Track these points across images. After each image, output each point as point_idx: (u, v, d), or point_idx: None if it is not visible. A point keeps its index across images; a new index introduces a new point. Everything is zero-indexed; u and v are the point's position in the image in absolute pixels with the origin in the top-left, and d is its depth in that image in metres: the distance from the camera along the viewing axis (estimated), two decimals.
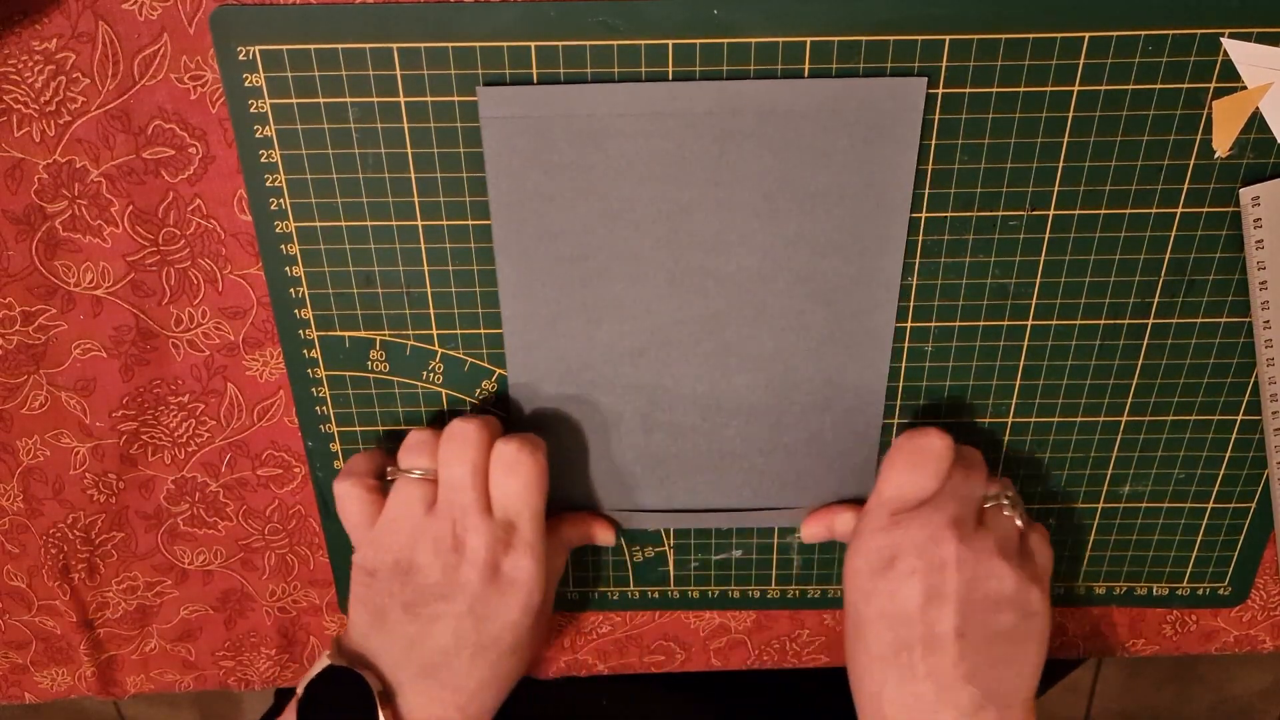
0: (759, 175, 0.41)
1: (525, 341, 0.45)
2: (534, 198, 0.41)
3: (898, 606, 0.41)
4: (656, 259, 0.42)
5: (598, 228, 0.42)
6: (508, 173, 0.41)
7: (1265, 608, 0.53)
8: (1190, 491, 0.49)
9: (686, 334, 0.44)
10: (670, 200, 0.41)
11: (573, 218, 0.42)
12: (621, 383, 0.45)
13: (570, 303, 0.44)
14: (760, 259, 0.42)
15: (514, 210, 0.42)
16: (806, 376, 0.45)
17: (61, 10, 0.38)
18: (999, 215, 0.42)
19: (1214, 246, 0.43)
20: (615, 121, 0.40)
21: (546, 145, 0.40)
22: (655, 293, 0.43)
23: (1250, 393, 0.46)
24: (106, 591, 0.52)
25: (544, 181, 0.41)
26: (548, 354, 0.45)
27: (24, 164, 0.41)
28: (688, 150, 0.40)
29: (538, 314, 0.44)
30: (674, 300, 0.43)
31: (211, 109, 0.40)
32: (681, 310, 0.44)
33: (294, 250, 0.43)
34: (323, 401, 0.47)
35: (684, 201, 0.41)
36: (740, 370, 0.45)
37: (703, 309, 0.44)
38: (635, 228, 0.42)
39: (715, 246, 0.42)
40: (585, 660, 0.55)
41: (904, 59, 0.39)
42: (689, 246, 0.42)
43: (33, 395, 0.46)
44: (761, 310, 0.44)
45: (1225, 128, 0.40)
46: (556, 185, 0.41)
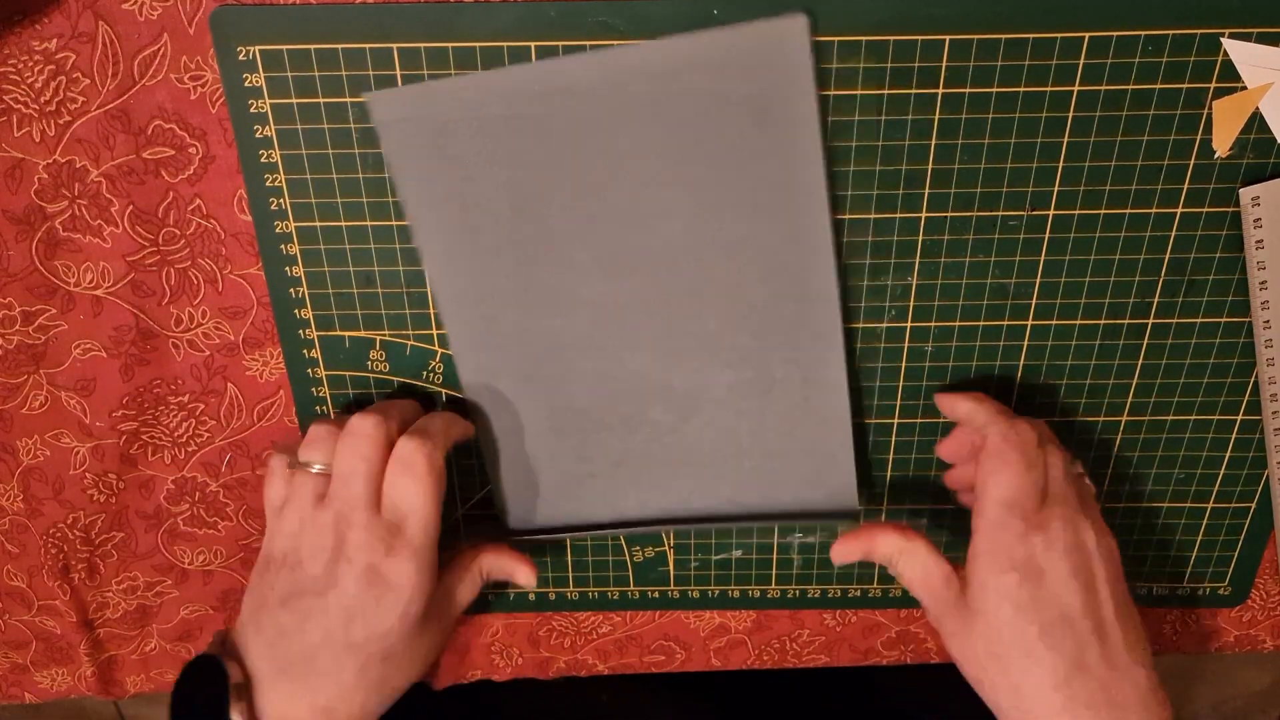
0: (660, 142, 0.39)
1: (469, 343, 0.44)
2: (445, 196, 0.41)
3: (1063, 611, 0.39)
4: (579, 243, 0.41)
5: (512, 219, 0.41)
6: (414, 176, 0.40)
7: (1265, 607, 0.53)
8: (1190, 491, 0.49)
9: (626, 320, 0.43)
10: (577, 180, 0.40)
11: (486, 212, 0.41)
12: (571, 376, 0.44)
13: (503, 299, 0.43)
14: (683, 230, 0.41)
15: (429, 211, 0.41)
16: (758, 354, 0.43)
17: (61, 10, 0.38)
18: (999, 215, 0.42)
19: (1214, 246, 0.43)
20: (504, 108, 0.39)
21: (444, 142, 0.40)
22: (584, 278, 0.42)
23: (1250, 393, 0.46)
24: (106, 591, 0.52)
25: (450, 179, 0.40)
26: (493, 353, 0.44)
27: (24, 164, 0.41)
28: (583, 127, 0.39)
29: (475, 314, 0.43)
30: (606, 284, 0.42)
31: (211, 109, 0.40)
32: (616, 294, 0.42)
33: (294, 250, 0.43)
34: (323, 401, 0.47)
35: (591, 180, 0.40)
36: (689, 354, 0.44)
37: (637, 291, 0.42)
38: (549, 213, 0.41)
39: (634, 222, 0.41)
40: (585, 660, 0.55)
41: (904, 59, 0.39)
42: (608, 226, 0.41)
43: (33, 395, 0.46)
44: (697, 286, 0.42)
45: (1225, 128, 0.40)
46: (463, 181, 0.40)
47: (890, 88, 0.39)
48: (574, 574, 0.52)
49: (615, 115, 0.39)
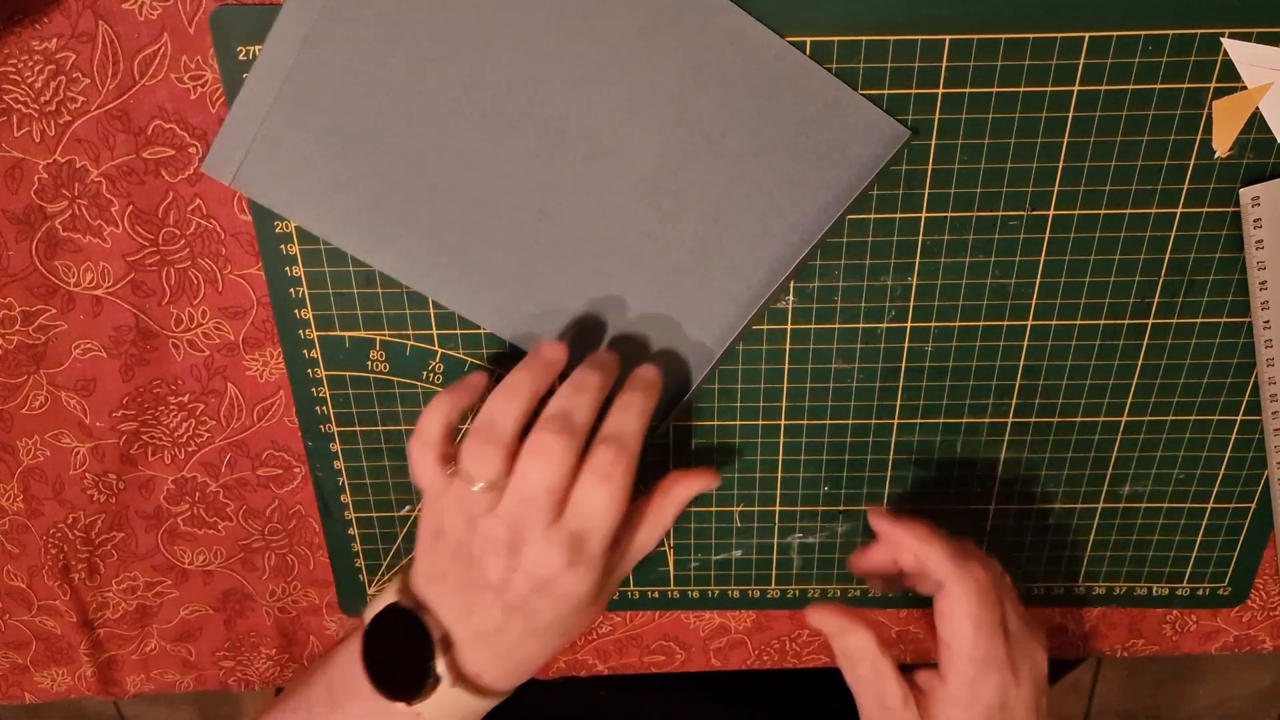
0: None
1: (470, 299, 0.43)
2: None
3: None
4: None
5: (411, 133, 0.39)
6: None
7: (1265, 608, 0.53)
8: (1190, 491, 0.49)
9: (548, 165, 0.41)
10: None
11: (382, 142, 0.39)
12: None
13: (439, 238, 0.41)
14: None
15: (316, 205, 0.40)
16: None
17: (61, 10, 0.38)
18: (999, 215, 0.42)
19: (1214, 246, 0.43)
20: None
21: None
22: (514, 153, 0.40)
23: (1250, 393, 0.46)
24: (106, 591, 0.52)
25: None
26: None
27: (24, 164, 0.41)
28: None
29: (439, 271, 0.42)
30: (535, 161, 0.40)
31: (211, 109, 0.40)
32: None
33: (294, 250, 0.43)
34: (323, 401, 0.47)
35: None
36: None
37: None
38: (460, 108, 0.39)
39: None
40: (585, 660, 0.55)
41: (904, 59, 0.39)
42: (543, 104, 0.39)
43: (33, 395, 0.46)
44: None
45: (1225, 128, 0.40)
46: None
47: (890, 88, 0.39)
48: None
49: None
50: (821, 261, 0.43)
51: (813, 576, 0.52)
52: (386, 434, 0.47)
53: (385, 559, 0.51)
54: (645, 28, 0.38)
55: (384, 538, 0.50)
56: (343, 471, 0.48)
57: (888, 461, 0.48)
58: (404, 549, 0.51)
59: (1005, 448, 0.48)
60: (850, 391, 0.46)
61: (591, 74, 0.39)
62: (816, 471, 0.48)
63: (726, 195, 0.41)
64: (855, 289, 0.44)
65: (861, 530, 0.50)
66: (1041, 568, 0.51)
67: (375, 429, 0.47)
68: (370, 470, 0.48)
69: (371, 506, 0.50)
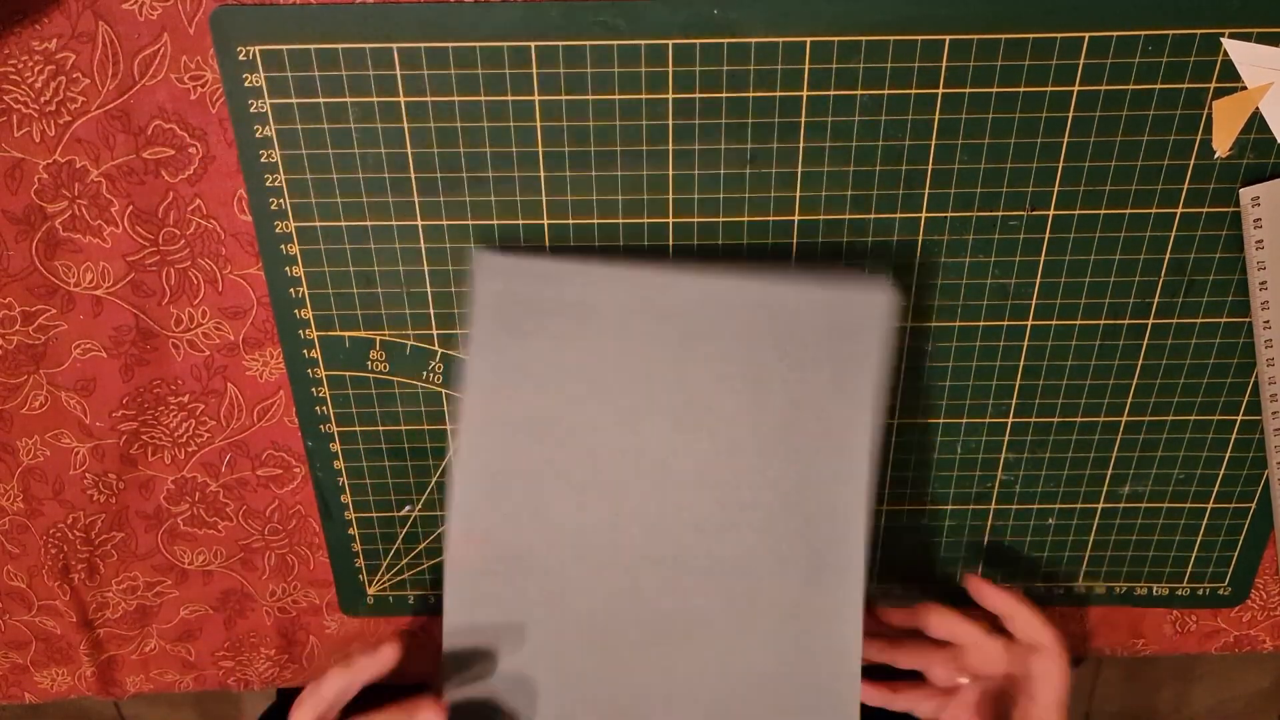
0: (722, 371, 0.41)
1: (473, 509, 0.43)
2: (513, 367, 0.41)
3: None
4: (615, 449, 0.42)
5: (564, 406, 0.42)
6: (490, 342, 0.41)
7: (1265, 608, 0.53)
8: (1190, 492, 0.49)
9: (639, 532, 0.43)
10: (630, 387, 0.41)
11: (543, 392, 0.42)
12: (567, 575, 0.44)
13: (527, 477, 0.42)
14: (717, 456, 0.42)
15: (489, 375, 0.42)
16: (772, 598, 0.43)
17: (61, 10, 0.38)
18: (999, 215, 0.42)
19: (1214, 246, 0.43)
20: (595, 304, 0.41)
21: (532, 317, 0.41)
22: (610, 481, 0.43)
23: (1250, 393, 0.46)
24: (106, 591, 0.52)
25: (524, 354, 0.41)
26: (497, 527, 0.43)
27: (24, 164, 0.41)
28: (658, 341, 0.41)
29: (493, 486, 0.43)
30: (628, 492, 0.43)
31: (211, 109, 0.40)
32: (633, 504, 0.43)
33: (294, 250, 0.43)
34: (323, 401, 0.47)
35: (642, 390, 0.41)
36: (697, 575, 0.43)
37: (662, 512, 0.43)
38: (595, 410, 0.42)
39: (671, 442, 0.42)
40: None
41: (904, 59, 0.39)
42: (647, 439, 0.42)
43: (33, 395, 0.46)
44: (721, 514, 0.43)
45: (1225, 128, 0.40)
46: (532, 358, 0.41)
47: (890, 88, 0.39)
48: None
49: (691, 336, 0.41)
50: (822, 262, 0.43)
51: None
52: (386, 434, 0.47)
53: (385, 559, 0.51)
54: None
55: (384, 538, 0.50)
56: (343, 471, 0.48)
57: (888, 461, 0.48)
58: (403, 549, 0.51)
59: (1005, 448, 0.48)
60: None
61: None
62: None
63: (783, 476, 0.42)
64: None
65: None
66: (1041, 568, 0.51)
67: (375, 429, 0.47)
68: (370, 470, 0.48)
69: (371, 506, 0.50)
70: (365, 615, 0.53)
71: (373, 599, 0.52)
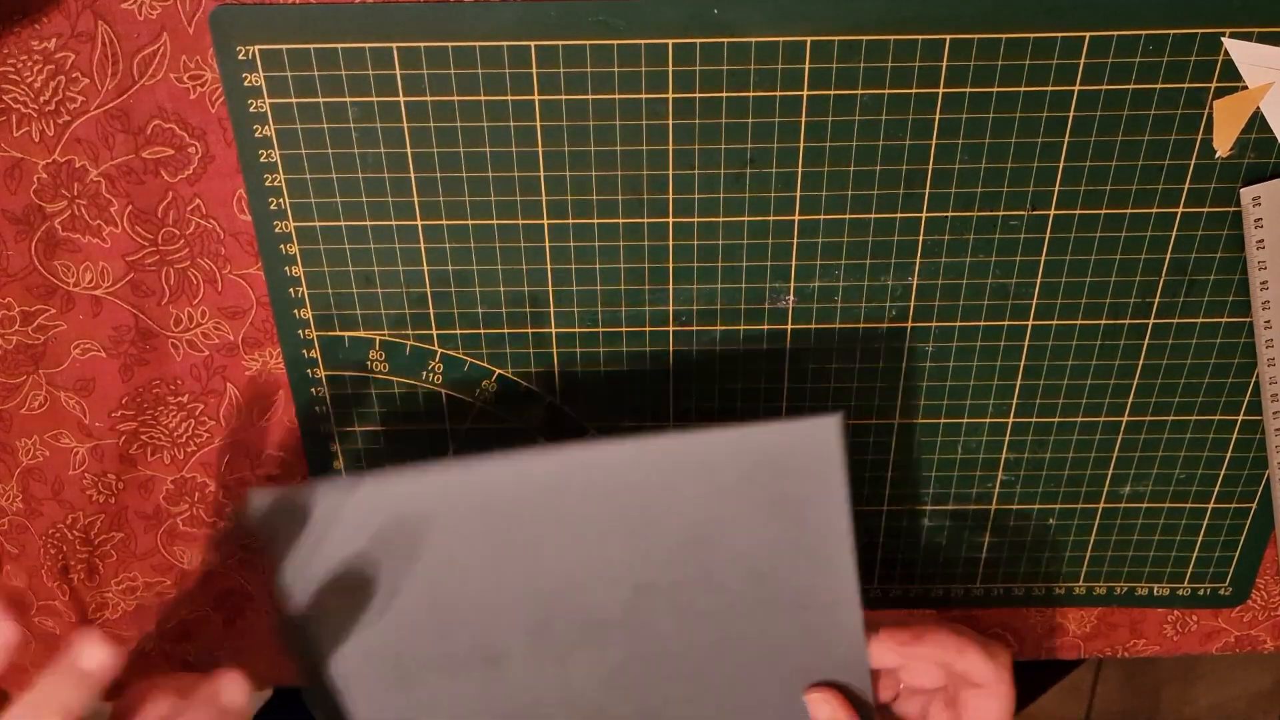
0: (655, 541, 0.37)
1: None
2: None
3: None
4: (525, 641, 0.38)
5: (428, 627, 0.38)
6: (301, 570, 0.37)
7: (1266, 608, 0.53)
8: (1191, 492, 0.49)
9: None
10: (546, 578, 0.37)
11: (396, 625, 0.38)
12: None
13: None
14: (693, 631, 0.38)
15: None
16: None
17: (61, 10, 0.38)
18: (1000, 215, 0.42)
19: (1215, 246, 0.43)
20: (476, 506, 0.36)
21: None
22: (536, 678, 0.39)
23: (1251, 393, 0.46)
24: (106, 592, 0.52)
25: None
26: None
27: (23, 164, 0.41)
28: (560, 526, 0.36)
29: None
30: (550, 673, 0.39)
31: (211, 109, 0.40)
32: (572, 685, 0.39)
33: (294, 250, 0.43)
34: (322, 401, 0.47)
35: (560, 579, 0.37)
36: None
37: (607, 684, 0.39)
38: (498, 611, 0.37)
39: (619, 627, 0.38)
40: None
41: (904, 58, 0.39)
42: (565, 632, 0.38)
43: (32, 395, 0.46)
44: (694, 690, 0.39)
45: (1226, 127, 0.40)
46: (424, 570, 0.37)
47: (890, 88, 0.39)
48: None
49: (605, 514, 0.36)
50: (822, 262, 0.43)
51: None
52: (386, 434, 0.47)
53: None
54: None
55: None
56: (342, 471, 0.48)
57: (888, 462, 0.48)
58: None
59: (1005, 448, 0.48)
60: (850, 391, 0.46)
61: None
62: None
63: (741, 618, 0.38)
64: (855, 289, 0.44)
65: (861, 531, 0.50)
66: (1042, 568, 0.51)
67: (375, 429, 0.47)
68: (370, 470, 0.48)
69: None
70: None
71: None
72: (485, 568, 0.37)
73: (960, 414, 0.47)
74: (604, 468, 0.35)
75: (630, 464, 0.35)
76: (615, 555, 0.37)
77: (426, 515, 0.36)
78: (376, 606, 0.38)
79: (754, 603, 0.38)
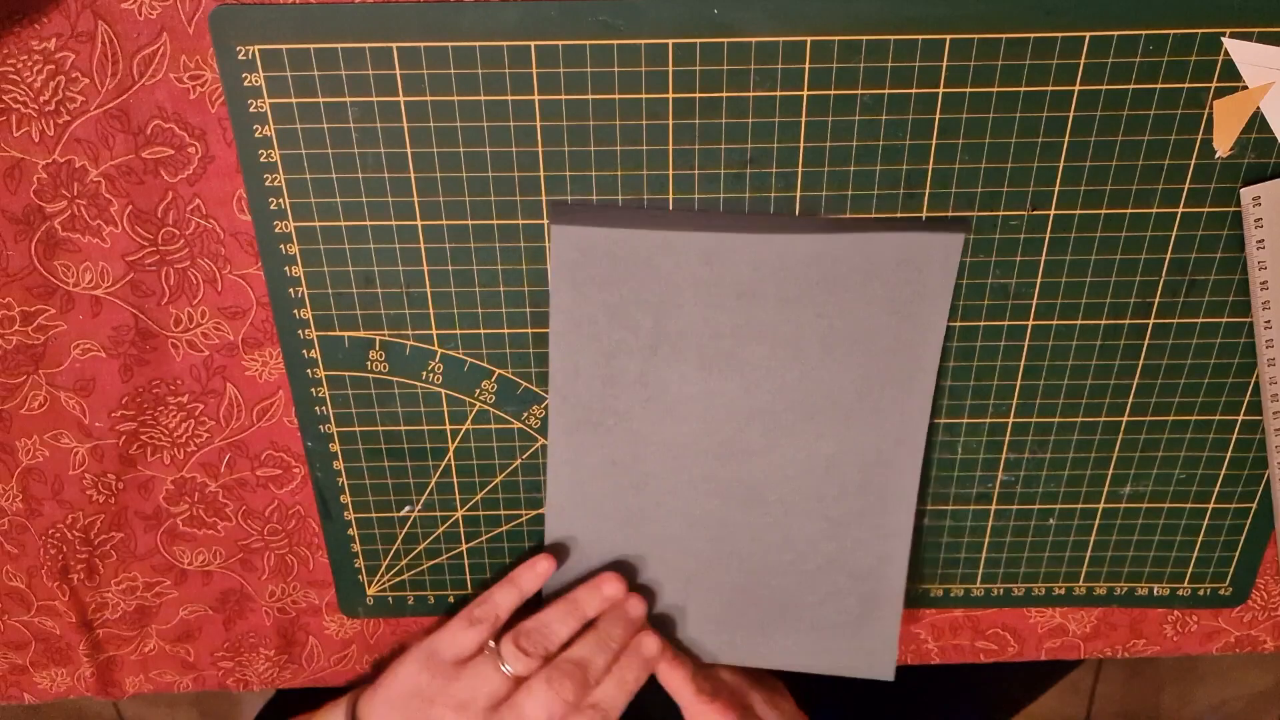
0: (796, 319, 0.43)
1: (572, 439, 0.46)
2: (593, 311, 0.43)
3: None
4: (691, 386, 0.45)
5: (646, 346, 0.44)
6: (570, 289, 0.43)
7: (1266, 608, 0.53)
8: (1191, 492, 0.49)
9: (715, 471, 0.46)
10: (711, 333, 0.43)
11: (626, 334, 0.44)
12: (661, 516, 0.48)
13: (616, 401, 0.45)
14: (787, 393, 0.44)
15: (572, 319, 0.43)
16: (827, 535, 0.47)
17: (61, 10, 0.38)
18: (1000, 215, 0.42)
19: (1215, 246, 0.43)
20: (674, 267, 0.42)
21: (613, 270, 0.42)
22: (691, 434, 0.46)
23: (1251, 393, 0.46)
24: (106, 592, 0.52)
25: (606, 297, 0.43)
26: (591, 489, 0.47)
27: (23, 164, 0.41)
28: (737, 295, 0.42)
29: (589, 405, 0.45)
30: (709, 438, 0.46)
31: (211, 108, 0.40)
32: (717, 447, 0.46)
33: (293, 250, 0.43)
34: (322, 401, 0.47)
35: (722, 339, 0.43)
36: (764, 515, 0.47)
37: (735, 446, 0.46)
38: (676, 354, 0.44)
39: (744, 382, 0.44)
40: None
41: (904, 58, 0.39)
42: (720, 380, 0.44)
43: (32, 395, 0.46)
44: (791, 456, 0.46)
45: (1226, 127, 0.40)
46: (614, 303, 0.43)
47: (890, 87, 0.39)
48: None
49: (769, 289, 0.42)
50: None
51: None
52: (386, 434, 0.47)
53: (385, 559, 0.51)
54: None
55: (384, 538, 0.50)
56: (342, 472, 0.48)
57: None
58: (403, 550, 0.51)
59: (1005, 448, 0.48)
60: None
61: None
62: None
63: (851, 388, 0.45)
64: None
65: None
66: (1042, 568, 0.51)
67: (375, 429, 0.47)
68: (370, 470, 0.48)
69: (371, 507, 0.49)
70: (364, 616, 0.53)
71: (372, 600, 0.52)
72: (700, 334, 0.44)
73: (960, 414, 0.47)
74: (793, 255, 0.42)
75: (807, 248, 0.42)
76: (783, 332, 0.44)
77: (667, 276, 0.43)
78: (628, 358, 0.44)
79: (844, 384, 0.45)
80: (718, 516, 0.47)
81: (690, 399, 0.45)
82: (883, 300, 0.42)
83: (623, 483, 0.47)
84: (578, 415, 0.45)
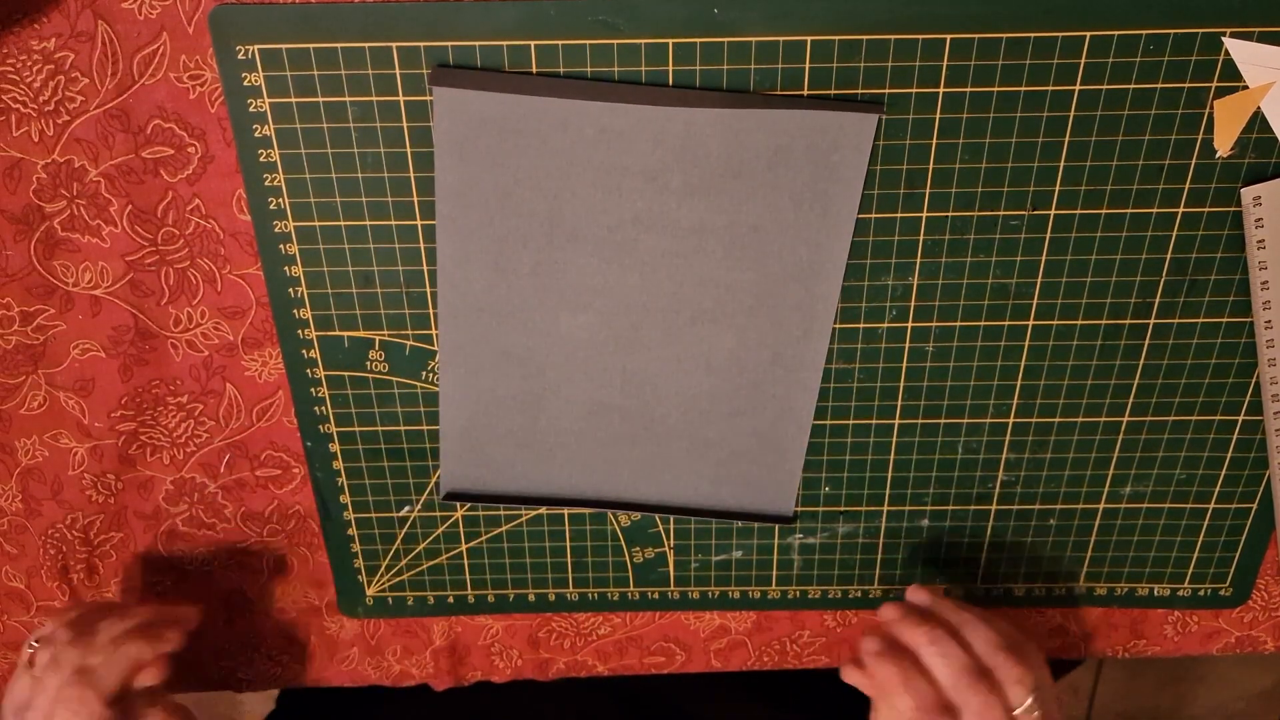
0: (706, 186, 0.41)
1: (458, 308, 0.44)
2: (483, 190, 0.41)
3: None
4: (595, 251, 0.43)
5: (543, 218, 0.42)
6: (457, 164, 0.41)
7: (1266, 608, 0.53)
8: (1191, 492, 0.49)
9: (622, 321, 0.45)
10: (616, 198, 0.42)
11: (520, 206, 0.42)
12: (552, 360, 0.46)
13: (509, 277, 0.43)
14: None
15: (460, 199, 0.41)
16: (741, 364, 0.46)
17: (61, 10, 0.38)
18: (1000, 215, 0.42)
19: (1215, 246, 0.43)
20: (572, 133, 0.40)
21: (502, 145, 0.40)
22: (591, 278, 0.43)
23: (1251, 393, 0.46)
24: (105, 592, 0.52)
25: (497, 176, 0.41)
26: (477, 324, 0.45)
27: (23, 164, 0.41)
28: (642, 160, 0.41)
29: (475, 283, 0.43)
30: (612, 288, 0.44)
31: (210, 108, 0.40)
32: (619, 297, 0.44)
33: (293, 250, 0.43)
34: (322, 401, 0.46)
35: (628, 203, 0.42)
36: (675, 358, 0.46)
37: (638, 297, 0.44)
38: (577, 222, 0.42)
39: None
40: (585, 661, 0.55)
41: (904, 58, 0.39)
42: (627, 243, 0.43)
43: (31, 395, 0.46)
44: (701, 303, 0.44)
45: (1227, 127, 0.40)
46: (507, 182, 0.41)
47: (891, 87, 0.39)
48: (574, 575, 0.52)
49: (672, 175, 0.41)
50: None
51: (813, 578, 0.52)
52: (386, 434, 0.47)
53: (384, 559, 0.51)
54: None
55: (383, 538, 0.50)
56: (341, 472, 0.48)
57: (888, 462, 0.48)
58: (403, 549, 0.51)
59: (1005, 448, 0.48)
60: (850, 391, 0.46)
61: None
62: (817, 472, 0.48)
63: (759, 262, 0.43)
64: (855, 289, 0.43)
65: (861, 532, 0.50)
66: (1042, 568, 0.51)
67: (374, 429, 0.47)
68: (369, 470, 0.48)
69: (370, 507, 0.49)
70: (364, 616, 0.53)
71: (372, 599, 0.52)
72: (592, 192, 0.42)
73: (960, 414, 0.47)
74: (696, 124, 0.40)
75: (713, 126, 0.40)
76: (687, 185, 0.42)
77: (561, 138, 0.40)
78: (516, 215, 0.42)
79: (756, 246, 0.43)
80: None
81: (588, 290, 0.43)
82: (790, 188, 0.41)
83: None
84: (467, 303, 0.44)
